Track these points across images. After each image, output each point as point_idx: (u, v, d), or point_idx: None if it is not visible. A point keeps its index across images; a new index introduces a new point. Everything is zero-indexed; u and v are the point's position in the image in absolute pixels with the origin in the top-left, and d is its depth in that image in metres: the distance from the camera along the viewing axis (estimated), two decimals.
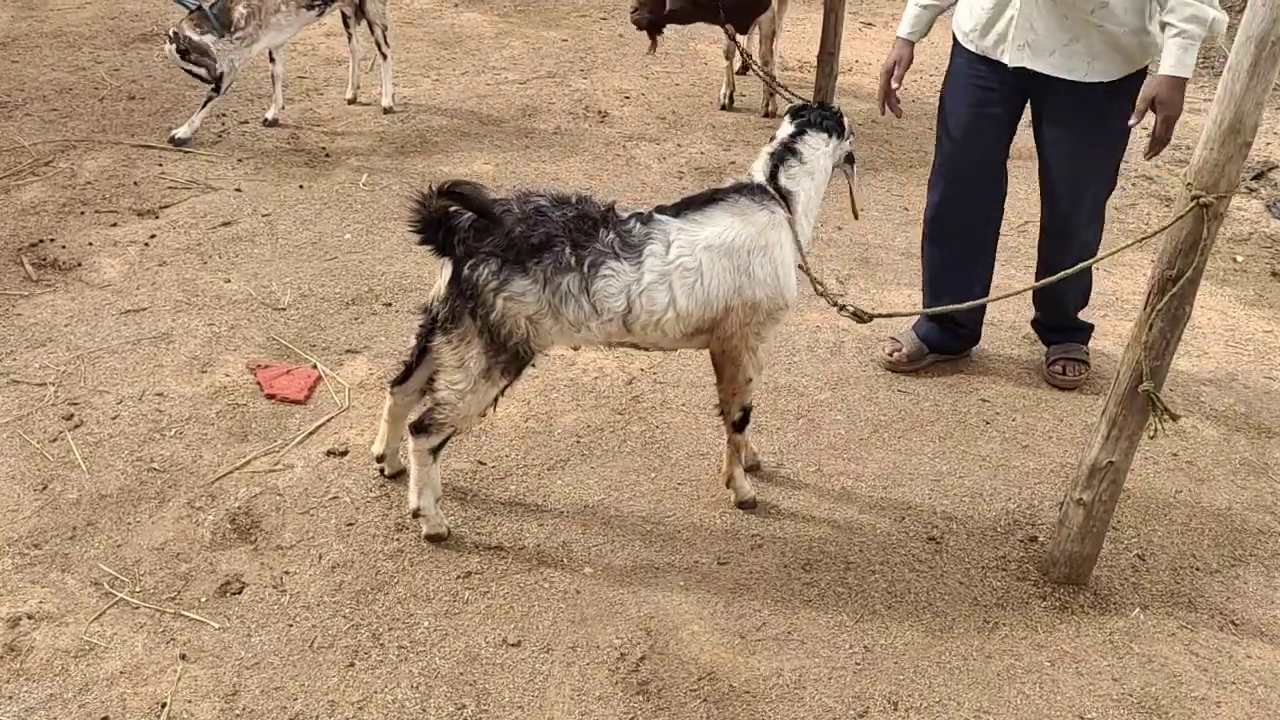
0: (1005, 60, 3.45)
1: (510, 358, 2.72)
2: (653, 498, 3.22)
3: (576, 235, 2.66)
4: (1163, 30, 3.24)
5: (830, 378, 3.86)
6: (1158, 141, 3.33)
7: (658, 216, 2.79)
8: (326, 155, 5.28)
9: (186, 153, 5.17)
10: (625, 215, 2.76)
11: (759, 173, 3.01)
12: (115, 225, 4.53)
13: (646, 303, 2.72)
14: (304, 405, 3.54)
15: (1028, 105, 3.64)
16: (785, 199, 2.94)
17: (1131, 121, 3.30)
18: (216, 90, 5.14)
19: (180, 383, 3.59)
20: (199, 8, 4.95)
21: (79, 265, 4.23)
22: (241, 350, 3.79)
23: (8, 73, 5.86)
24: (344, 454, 3.33)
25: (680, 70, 6.70)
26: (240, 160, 5.14)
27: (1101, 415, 2.81)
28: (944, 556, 3.08)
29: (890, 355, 3.94)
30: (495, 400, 2.83)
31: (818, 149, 3.04)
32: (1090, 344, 4.04)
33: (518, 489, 3.23)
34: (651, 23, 5.36)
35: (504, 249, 2.61)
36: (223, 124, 5.49)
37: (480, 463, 3.32)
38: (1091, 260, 3.32)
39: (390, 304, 4.11)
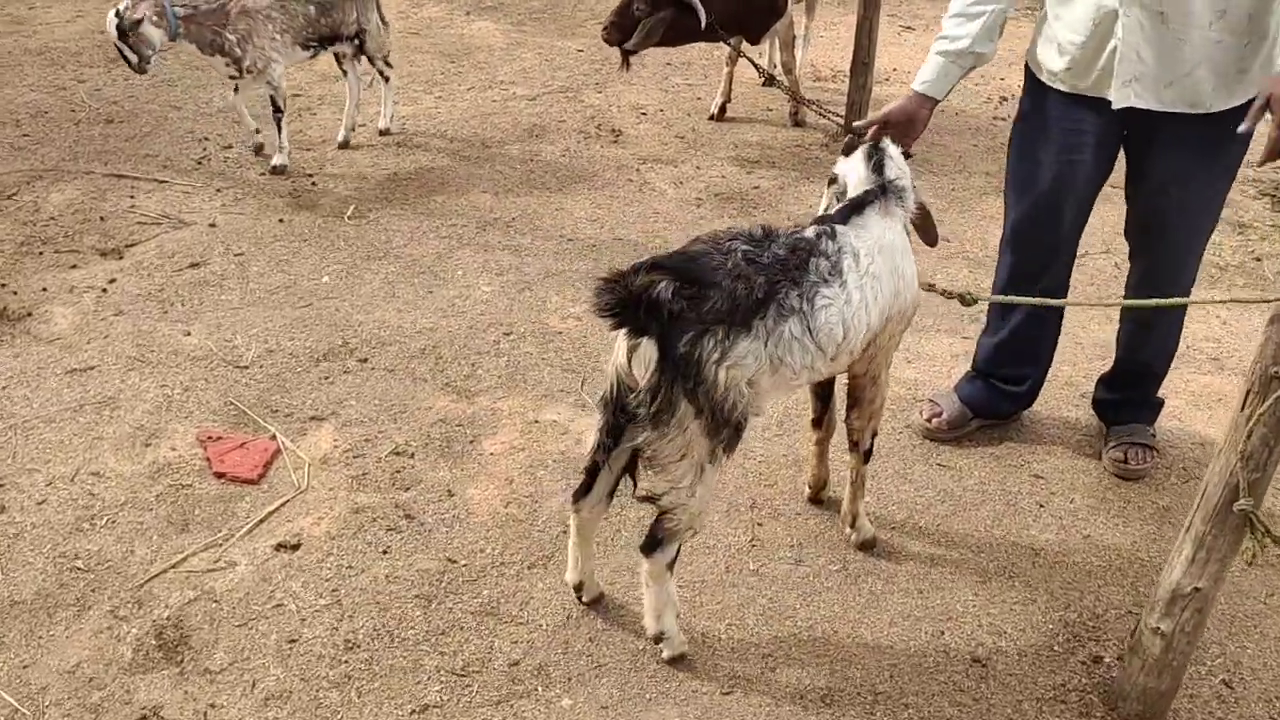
0: (1110, 99, 2.84)
1: (732, 432, 2.34)
2: None
3: (794, 273, 2.35)
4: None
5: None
6: (1274, 147, 2.57)
7: (839, 228, 2.51)
8: (313, 184, 4.87)
9: (162, 183, 4.78)
10: (818, 234, 2.47)
11: (863, 179, 2.69)
12: (75, 267, 4.14)
13: (856, 324, 2.46)
14: (256, 485, 3.12)
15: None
16: (900, 196, 2.66)
17: (1244, 126, 2.61)
18: (278, 110, 4.80)
19: (120, 459, 3.18)
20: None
21: (29, 315, 3.84)
22: (194, 417, 3.37)
23: None
24: (295, 548, 2.90)
25: (703, 82, 6.22)
26: (219, 190, 4.74)
27: (1185, 532, 2.31)
28: (991, 684, 2.59)
29: (929, 421, 3.45)
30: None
31: (899, 155, 2.78)
32: (1167, 398, 3.52)
33: (491, 594, 2.78)
34: (623, 43, 4.90)
35: (729, 312, 2.24)
36: (204, 149, 5.09)
37: (450, 560, 2.88)
38: (1184, 301, 2.84)
39: (366, 360, 3.68)
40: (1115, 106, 2.84)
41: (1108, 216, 4.87)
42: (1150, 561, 2.99)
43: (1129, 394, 3.42)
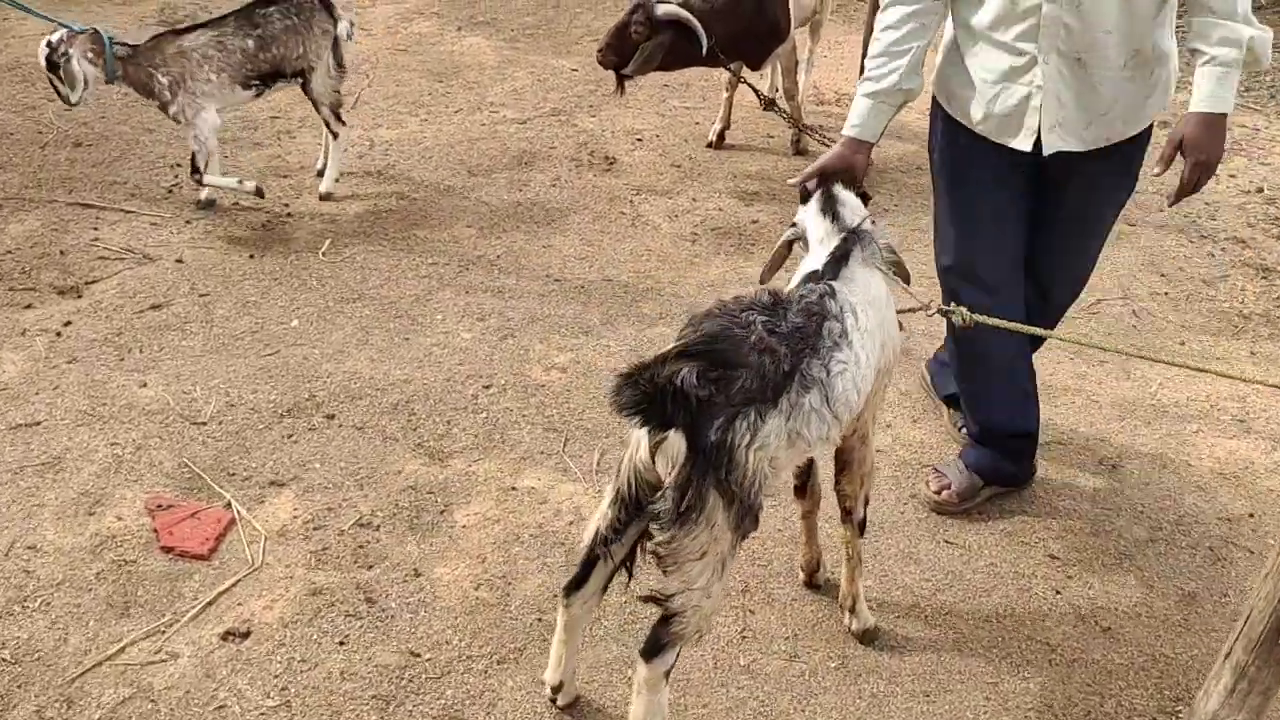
0: (1041, 149, 2.78)
1: (753, 520, 2.18)
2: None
3: (813, 340, 2.23)
4: (1193, 58, 2.61)
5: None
6: (1185, 190, 2.66)
7: (835, 285, 2.37)
8: (288, 215, 4.62)
9: (129, 213, 4.53)
10: (820, 295, 2.32)
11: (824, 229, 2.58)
12: (30, 307, 3.90)
13: (863, 386, 2.34)
14: (207, 561, 2.88)
15: None
16: (872, 243, 2.53)
17: (1156, 171, 2.70)
18: (195, 170, 4.42)
19: (60, 530, 2.94)
20: (98, 35, 4.24)
21: None
22: (144, 481, 3.13)
23: None
24: (244, 636, 2.66)
25: (702, 105, 5.97)
26: (189, 221, 4.49)
27: (1224, 660, 2.07)
28: None
29: (938, 494, 3.20)
30: None
31: (851, 196, 2.66)
32: (1189, 465, 3.29)
33: (455, 694, 2.54)
34: (619, 66, 4.66)
35: (759, 390, 2.09)
36: (176, 176, 4.85)
37: (413, 654, 2.63)
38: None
39: (333, 416, 3.43)
40: (1045, 153, 2.79)
41: (1122, 260, 4.64)
42: (1176, 659, 2.74)
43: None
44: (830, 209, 2.57)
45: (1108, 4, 2.60)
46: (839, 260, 2.45)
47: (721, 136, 5.50)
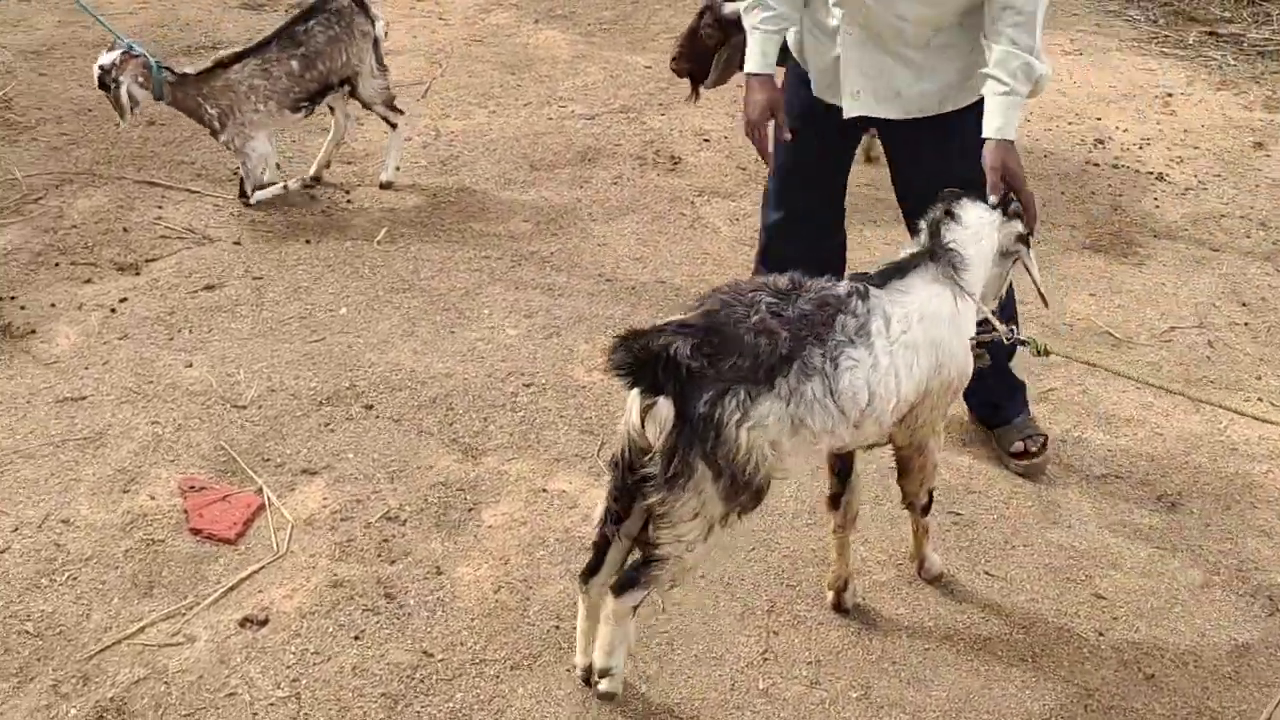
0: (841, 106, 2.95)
1: (752, 496, 2.26)
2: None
3: (820, 329, 2.26)
4: (987, 83, 2.69)
5: (897, 547, 3.01)
6: (1032, 221, 2.71)
7: (872, 290, 2.39)
8: (348, 201, 4.64)
9: (194, 193, 4.59)
10: (845, 291, 2.35)
11: (922, 239, 2.62)
12: (89, 282, 3.97)
13: (884, 391, 2.34)
14: (233, 546, 2.89)
15: None
16: (953, 264, 2.52)
17: (993, 200, 2.66)
18: (243, 194, 4.45)
19: (94, 506, 2.97)
20: (145, 59, 4.24)
21: (32, 333, 3.67)
22: (180, 461, 3.15)
23: (32, 87, 5.39)
24: (262, 624, 2.65)
25: None
26: (255, 204, 4.53)
27: (1268, 717, 1.93)
28: None
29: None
30: None
31: (981, 218, 2.62)
32: (1254, 507, 3.12)
33: (465, 698, 2.50)
34: (693, 73, 4.59)
35: (752, 370, 2.16)
36: None
37: (426, 653, 2.60)
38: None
39: (371, 406, 3.42)
40: (846, 115, 2.94)
41: (1201, 285, 4.44)
42: (1222, 714, 2.59)
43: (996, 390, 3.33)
44: (933, 223, 2.58)
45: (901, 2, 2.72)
46: (897, 270, 2.49)
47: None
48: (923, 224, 2.63)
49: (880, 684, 2.61)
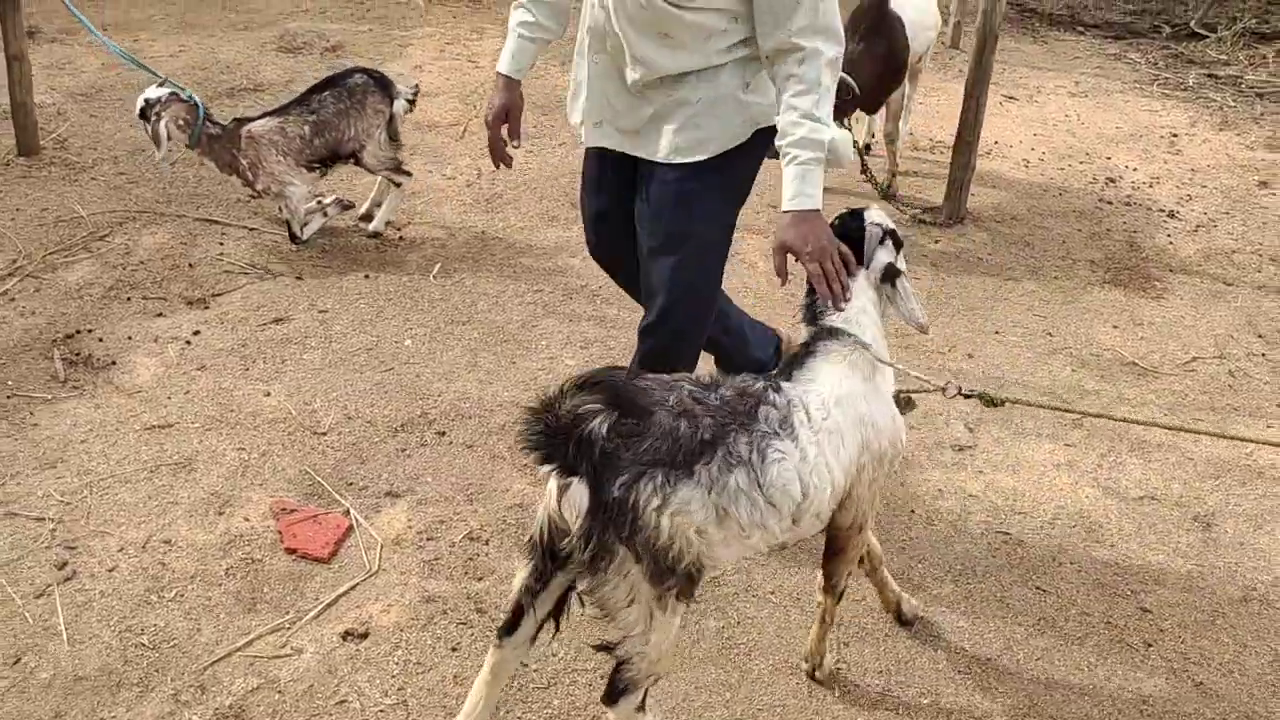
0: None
1: (683, 580, 2.15)
2: None
3: (742, 418, 2.20)
4: (780, 157, 2.60)
5: (953, 564, 3.19)
6: (821, 288, 2.53)
7: (782, 384, 2.35)
8: (400, 238, 4.83)
9: (252, 230, 4.78)
10: (764, 386, 2.31)
11: (804, 324, 2.60)
12: (161, 315, 4.13)
13: (818, 483, 2.28)
14: (327, 564, 3.04)
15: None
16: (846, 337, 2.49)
17: (779, 284, 2.71)
18: (295, 239, 4.64)
19: (193, 527, 3.12)
20: (195, 108, 4.46)
21: (113, 364, 3.83)
22: (269, 485, 3.31)
23: (85, 128, 5.58)
24: (363, 637, 2.80)
25: None
26: (306, 241, 4.71)
27: None
28: None
29: None
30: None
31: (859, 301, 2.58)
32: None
33: (562, 704, 2.66)
34: None
35: (669, 453, 2.07)
36: None
37: (521, 664, 2.76)
38: None
39: (444, 433, 3.59)
40: (585, 145, 2.96)
41: (1219, 318, 4.65)
42: (1269, 719, 2.77)
43: None
44: (809, 309, 2.57)
45: (644, 44, 2.66)
46: (795, 361, 2.46)
47: None
48: (801, 309, 2.63)
49: (948, 691, 2.77)
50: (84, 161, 5.23)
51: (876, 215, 2.68)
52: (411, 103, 4.81)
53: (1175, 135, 6.73)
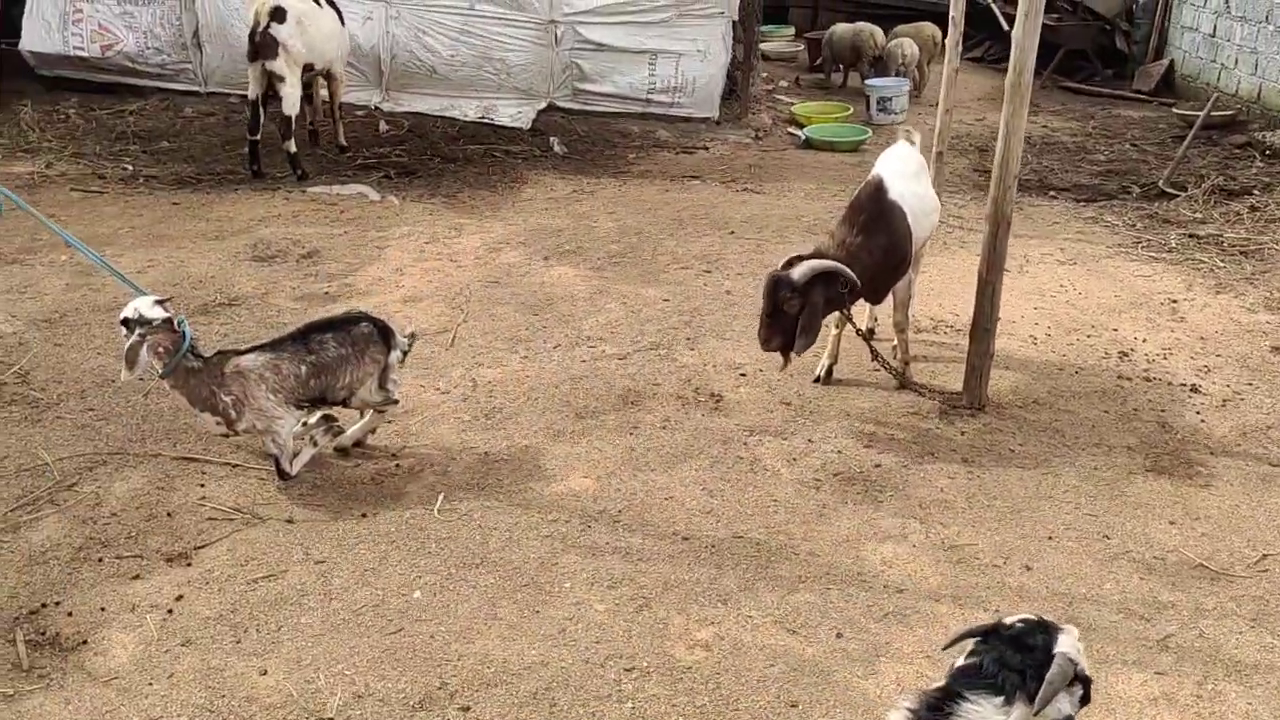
0: None
1: None
2: None
3: None
4: None
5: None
6: None
7: None
8: (396, 466, 4.47)
9: (235, 467, 4.39)
10: None
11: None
12: (137, 578, 3.70)
13: None
14: None
15: None
16: None
17: None
18: (281, 475, 4.31)
19: None
20: (181, 338, 4.09)
21: (84, 644, 3.38)
22: None
23: (48, 359, 5.21)
24: None
25: None
26: (295, 476, 4.33)
27: None
28: None
29: None
30: None
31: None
32: None
33: None
34: (785, 345, 4.76)
35: None
36: None
37: None
38: None
39: (468, 708, 3.16)
40: None
41: (1275, 504, 4.35)
42: None
43: None
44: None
45: None
46: None
47: (830, 372, 5.37)
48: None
49: None
50: (48, 398, 4.85)
51: (1071, 644, 2.33)
52: (406, 354, 4.54)
53: (1174, 301, 6.61)
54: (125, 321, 4.08)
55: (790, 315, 4.64)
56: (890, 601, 3.74)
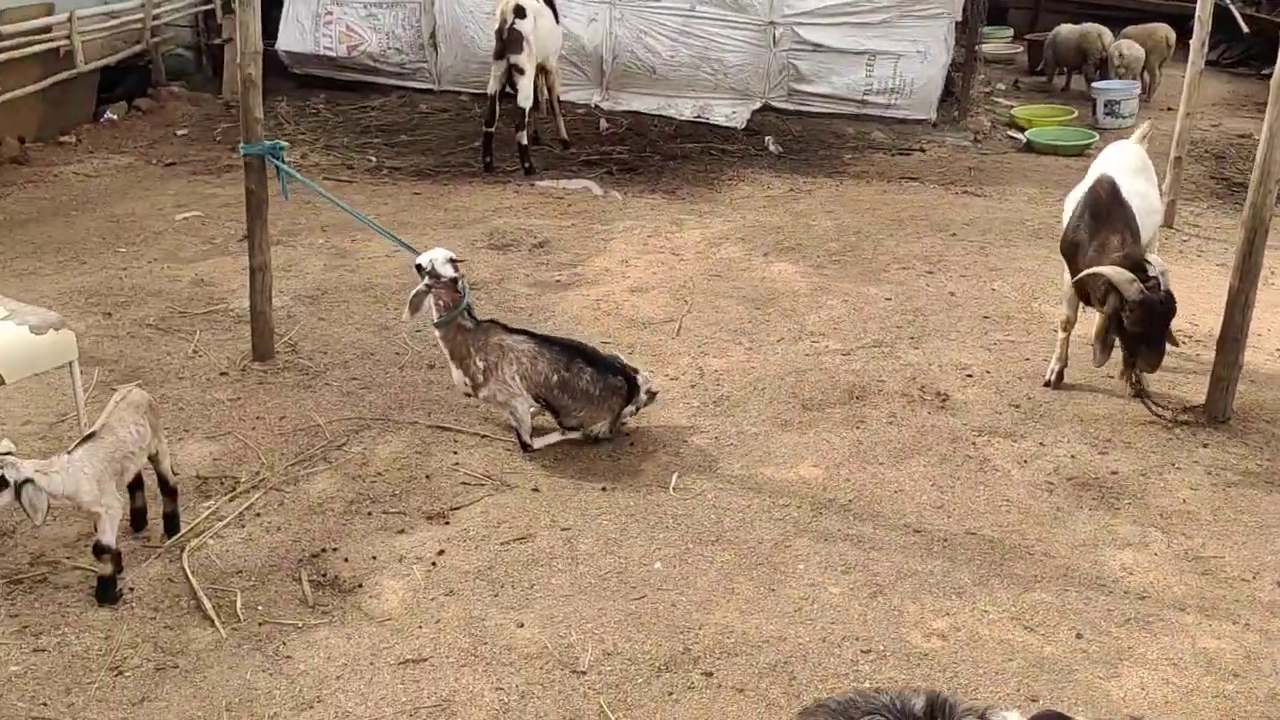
0: None
1: None
2: None
3: None
4: None
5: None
6: None
7: None
8: (631, 444, 4.67)
9: (484, 438, 4.69)
10: None
11: None
12: (403, 532, 4.02)
13: None
14: None
15: None
16: None
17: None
18: (524, 447, 4.58)
19: None
20: (462, 290, 4.44)
21: (359, 587, 3.71)
22: None
23: (314, 331, 5.68)
24: None
25: (1026, 339, 5.78)
26: (539, 447, 4.59)
27: None
28: None
29: None
30: None
31: None
32: None
33: None
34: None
35: None
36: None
37: None
38: None
39: (711, 674, 3.31)
40: None
41: None
42: None
43: None
44: None
45: None
46: None
47: (1060, 376, 5.28)
48: None
49: None
50: (316, 366, 5.29)
51: None
52: (639, 410, 4.74)
53: None
54: (419, 268, 4.47)
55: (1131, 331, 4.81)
56: (1131, 607, 3.67)
